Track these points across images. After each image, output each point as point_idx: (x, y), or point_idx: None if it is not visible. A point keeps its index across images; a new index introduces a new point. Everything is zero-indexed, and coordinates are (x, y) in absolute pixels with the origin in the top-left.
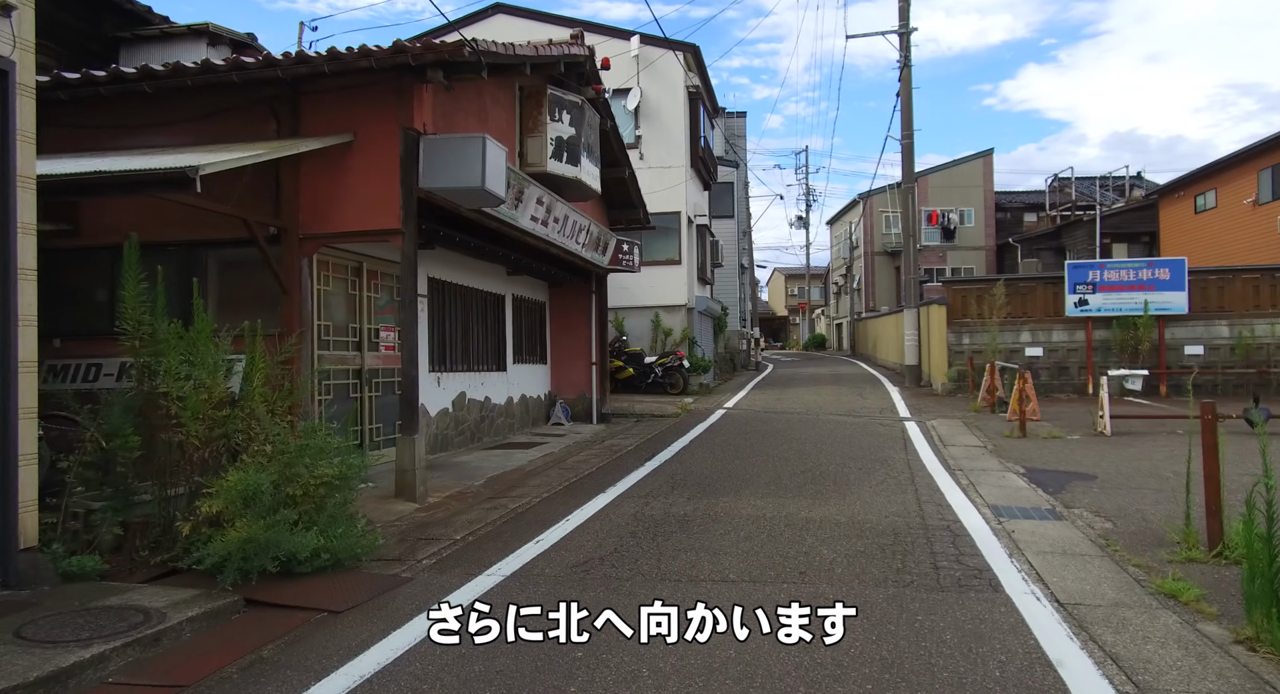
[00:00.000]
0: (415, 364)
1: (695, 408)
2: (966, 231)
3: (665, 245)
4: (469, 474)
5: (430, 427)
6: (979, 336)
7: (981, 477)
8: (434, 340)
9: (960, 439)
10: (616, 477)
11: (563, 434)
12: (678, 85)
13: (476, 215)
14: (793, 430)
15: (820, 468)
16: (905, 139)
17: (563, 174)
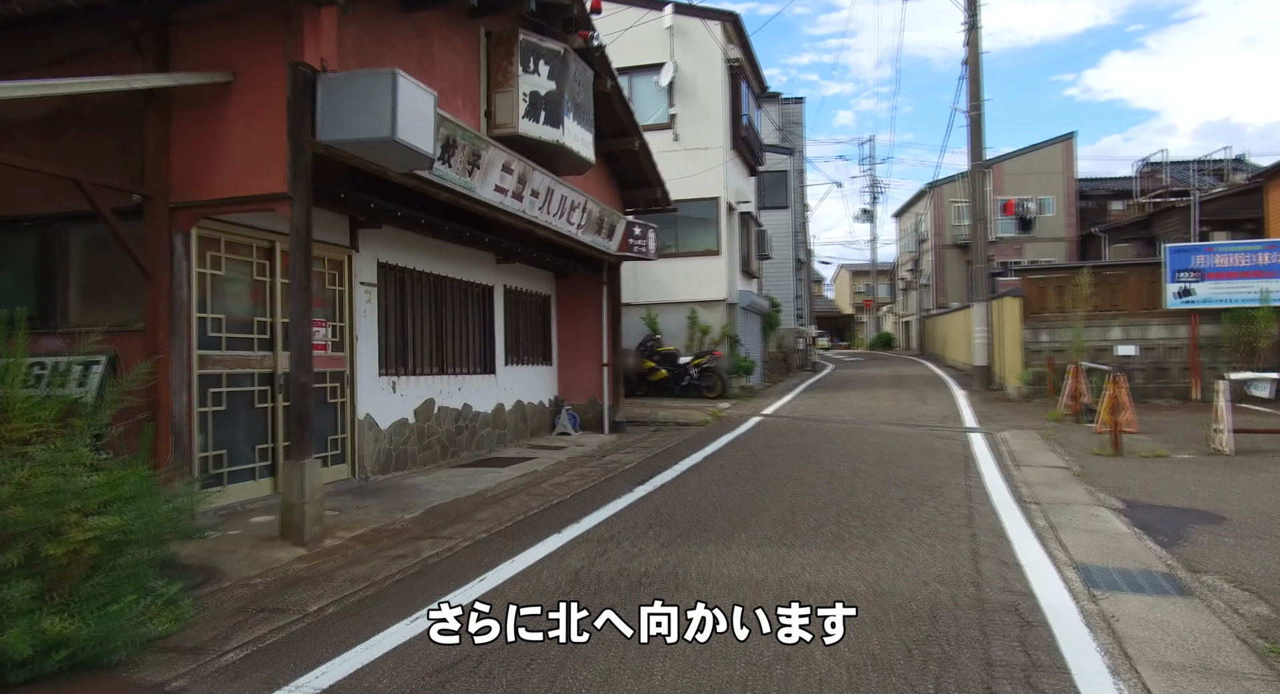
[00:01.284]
0: (307, 368)
1: (728, 414)
2: (1045, 222)
3: (703, 234)
4: (409, 502)
5: (380, 442)
6: (1060, 333)
7: (1065, 514)
8: (387, 338)
9: (1037, 457)
10: (589, 508)
11: (562, 447)
12: (716, 59)
13: (417, 183)
14: (831, 444)
15: (852, 498)
16: (973, 110)
17: (539, 137)
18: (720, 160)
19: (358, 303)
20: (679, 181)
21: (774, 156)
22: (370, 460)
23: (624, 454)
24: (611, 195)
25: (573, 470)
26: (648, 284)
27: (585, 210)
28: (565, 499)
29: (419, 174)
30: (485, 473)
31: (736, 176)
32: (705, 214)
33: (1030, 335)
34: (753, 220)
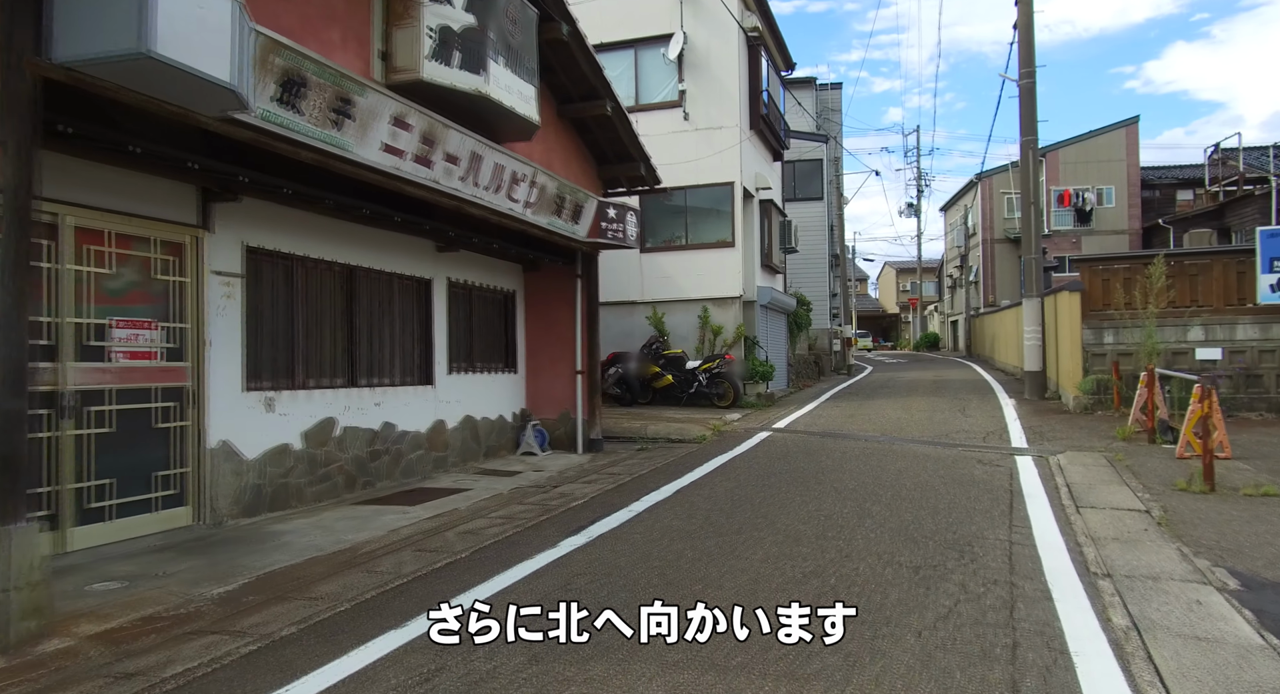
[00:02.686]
0: (17, 390)
1: (734, 428)
2: (1105, 213)
3: (716, 224)
4: (242, 565)
5: (245, 475)
6: (1126, 334)
7: (1153, 600)
8: (260, 343)
9: (1104, 493)
10: (478, 576)
11: (518, 471)
12: (731, 27)
13: (254, 135)
14: (843, 472)
15: (845, 566)
16: (1025, 78)
17: (451, 84)
18: (736, 141)
19: (210, 298)
20: (689, 165)
21: (807, 144)
22: (227, 500)
23: (583, 484)
24: (584, 171)
25: (504, 508)
26: (654, 280)
27: (534, 184)
28: (460, 558)
29: (254, 124)
30: (387, 513)
31: (755, 160)
32: (718, 201)
33: (1091, 336)
34: (775, 209)
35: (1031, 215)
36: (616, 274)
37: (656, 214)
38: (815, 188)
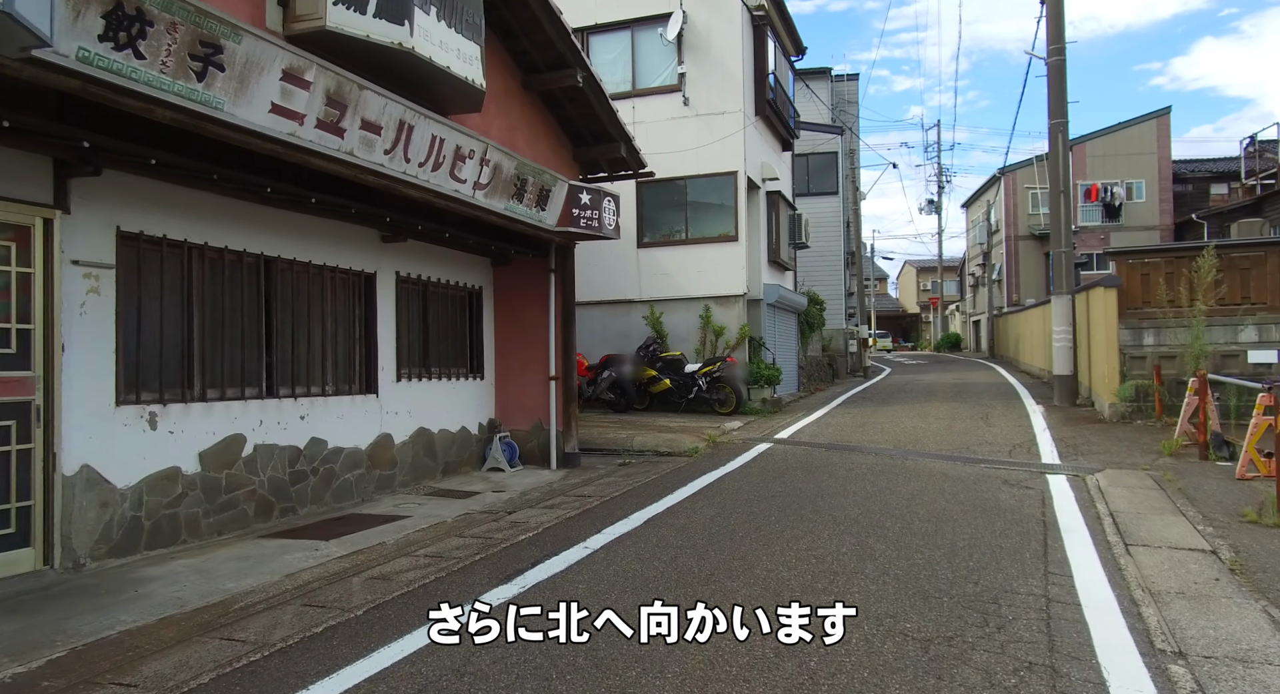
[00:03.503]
0: None
1: (732, 438)
2: (1135, 208)
3: (718, 217)
4: (69, 628)
5: (116, 507)
6: (1169, 334)
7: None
8: (140, 347)
9: (1156, 526)
10: (356, 651)
11: (476, 492)
12: (735, 6)
13: (84, 86)
14: (847, 495)
15: (830, 646)
16: (1053, 55)
17: (366, 35)
18: (739, 126)
19: (68, 294)
20: (688, 153)
21: (821, 137)
22: (89, 538)
23: (543, 509)
24: (556, 153)
25: (438, 543)
26: (652, 277)
27: (485, 162)
28: (351, 617)
29: (74, 68)
30: (294, 550)
31: (761, 148)
32: (720, 192)
33: (1129, 337)
34: (784, 201)
35: (1061, 205)
36: (611, 271)
37: (655, 207)
38: (830, 182)
